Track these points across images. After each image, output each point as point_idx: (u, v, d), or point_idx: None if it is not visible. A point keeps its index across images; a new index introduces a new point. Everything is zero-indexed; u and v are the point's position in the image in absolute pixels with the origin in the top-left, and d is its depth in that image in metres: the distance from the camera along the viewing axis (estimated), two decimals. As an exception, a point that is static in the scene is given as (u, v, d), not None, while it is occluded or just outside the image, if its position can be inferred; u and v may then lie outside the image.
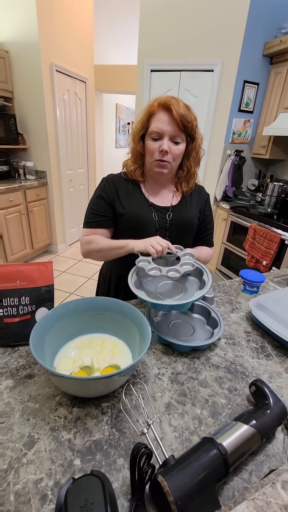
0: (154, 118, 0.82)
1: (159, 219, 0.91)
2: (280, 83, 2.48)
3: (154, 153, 0.84)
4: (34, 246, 3.15)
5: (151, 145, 0.83)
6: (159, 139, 0.82)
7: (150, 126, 0.83)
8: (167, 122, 0.80)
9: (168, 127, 0.80)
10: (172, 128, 0.80)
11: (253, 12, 2.29)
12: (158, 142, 0.82)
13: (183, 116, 0.79)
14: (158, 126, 0.80)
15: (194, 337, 0.78)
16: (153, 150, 0.83)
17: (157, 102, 0.81)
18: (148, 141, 0.84)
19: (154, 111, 0.81)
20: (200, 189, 1.01)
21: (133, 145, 0.90)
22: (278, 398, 0.53)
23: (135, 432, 0.51)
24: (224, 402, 0.59)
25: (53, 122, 2.99)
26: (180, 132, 0.81)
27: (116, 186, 0.92)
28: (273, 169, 2.98)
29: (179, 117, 0.78)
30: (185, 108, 0.80)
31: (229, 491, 0.43)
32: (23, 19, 2.57)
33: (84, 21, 3.25)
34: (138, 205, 0.91)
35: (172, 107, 0.78)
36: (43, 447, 0.48)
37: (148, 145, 0.84)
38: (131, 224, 0.91)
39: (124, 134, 6.46)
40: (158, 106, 0.81)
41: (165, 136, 0.81)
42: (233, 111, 2.62)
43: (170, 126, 0.80)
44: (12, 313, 0.67)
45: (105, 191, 0.91)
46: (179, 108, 0.78)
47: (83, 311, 0.71)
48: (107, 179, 0.94)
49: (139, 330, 0.65)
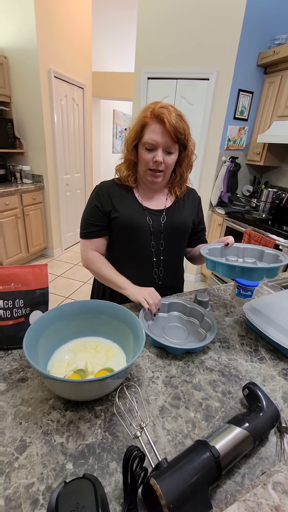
0: (147, 129, 0.82)
1: (154, 223, 0.92)
2: (274, 92, 2.54)
3: (148, 163, 0.85)
4: (29, 250, 3.13)
5: (145, 155, 0.84)
6: (152, 149, 0.83)
7: (144, 137, 0.82)
8: (161, 133, 0.80)
9: (161, 139, 0.80)
10: (166, 139, 0.80)
11: (247, 23, 2.36)
12: (152, 153, 0.83)
13: (176, 128, 0.79)
14: (152, 137, 0.81)
15: (188, 340, 0.79)
16: (147, 160, 0.84)
17: (150, 112, 0.81)
18: (142, 150, 0.85)
19: (147, 122, 0.81)
20: (192, 192, 1.03)
21: (126, 152, 0.90)
22: (271, 401, 0.54)
23: (128, 436, 0.51)
24: (218, 405, 0.59)
25: (50, 127, 3.01)
26: (173, 143, 0.82)
27: (110, 194, 0.92)
28: (267, 176, 3.03)
29: (173, 129, 0.79)
30: (177, 118, 0.80)
31: (221, 494, 0.43)
32: (22, 25, 2.60)
33: (83, 28, 3.31)
34: (132, 209, 0.91)
35: (165, 119, 0.78)
36: (35, 451, 0.47)
37: (142, 155, 0.85)
38: (126, 228, 0.91)
39: (121, 140, 6.52)
40: (151, 117, 0.81)
41: (159, 148, 0.82)
42: (228, 118, 2.67)
43: (164, 138, 0.80)
44: (6, 316, 0.67)
45: (99, 200, 0.92)
46: (171, 119, 0.78)
47: (78, 314, 0.71)
48: (100, 187, 0.94)
49: (133, 333, 0.65)
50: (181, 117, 0.82)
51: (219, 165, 2.83)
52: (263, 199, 2.76)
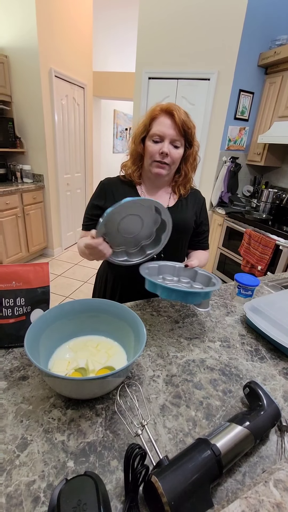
0: (156, 121, 0.85)
1: None
2: (275, 92, 2.54)
3: (154, 155, 0.86)
4: (30, 249, 3.13)
5: (152, 147, 0.86)
6: (159, 141, 0.85)
7: (152, 129, 0.85)
8: (169, 126, 0.83)
9: (169, 131, 0.83)
10: (173, 132, 0.83)
11: (248, 24, 2.36)
12: (159, 145, 0.85)
13: (184, 122, 0.83)
14: (160, 129, 0.83)
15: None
16: (153, 152, 0.86)
17: (160, 107, 0.85)
18: (149, 143, 0.87)
19: (156, 115, 0.85)
20: (196, 193, 1.03)
21: (133, 146, 0.92)
22: (272, 400, 0.54)
23: (129, 434, 0.51)
24: (219, 404, 0.59)
25: (51, 126, 3.01)
26: (180, 137, 0.84)
27: (113, 190, 0.94)
28: (267, 176, 3.03)
29: (181, 122, 0.82)
30: (185, 115, 0.84)
31: (222, 492, 0.43)
32: (23, 25, 2.60)
33: (83, 28, 3.31)
34: None
35: (174, 112, 0.81)
36: (36, 449, 0.47)
37: (149, 147, 0.87)
38: None
39: (122, 140, 6.52)
40: (161, 111, 0.84)
41: (166, 139, 0.84)
42: (229, 118, 2.67)
43: (172, 130, 0.83)
44: (7, 314, 0.67)
45: (100, 199, 0.95)
46: (180, 114, 0.82)
47: (78, 313, 0.71)
48: (103, 183, 0.97)
49: (134, 332, 0.65)
50: (188, 115, 0.85)
51: (219, 165, 2.84)
52: (263, 200, 2.76)
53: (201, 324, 0.86)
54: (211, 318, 0.90)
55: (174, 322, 0.86)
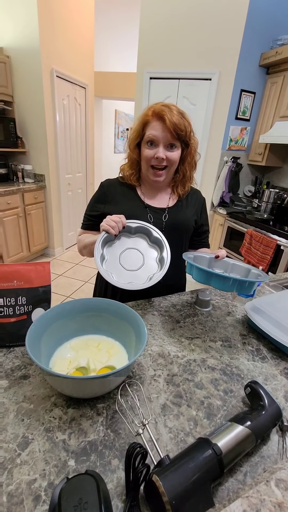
0: (148, 126, 0.84)
1: (155, 220, 0.92)
2: (276, 92, 2.54)
3: (150, 159, 0.86)
4: (31, 249, 3.14)
5: (147, 152, 0.86)
6: (154, 146, 0.84)
7: (145, 134, 0.85)
8: (161, 129, 0.82)
9: (162, 134, 0.82)
10: (166, 135, 0.82)
11: (250, 24, 2.36)
12: (154, 150, 0.85)
13: (176, 124, 0.81)
14: (153, 133, 0.83)
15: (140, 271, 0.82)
16: (149, 157, 0.86)
17: (152, 111, 0.84)
18: (144, 148, 0.86)
19: (148, 120, 0.84)
20: (196, 192, 1.03)
21: (129, 152, 0.93)
22: (273, 400, 0.54)
23: (130, 433, 0.51)
24: (220, 404, 0.59)
25: (52, 126, 3.01)
26: (174, 140, 0.84)
27: (113, 191, 0.95)
28: (269, 176, 3.03)
29: (172, 126, 0.80)
30: (178, 115, 0.82)
31: (223, 491, 0.43)
32: (25, 25, 2.61)
33: (85, 28, 3.31)
34: (133, 206, 0.93)
35: (165, 116, 0.80)
36: (37, 447, 0.47)
37: (144, 152, 0.87)
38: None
39: (123, 140, 6.53)
40: (152, 116, 0.83)
41: (160, 143, 0.83)
42: (230, 118, 2.67)
43: (164, 133, 0.82)
44: (8, 313, 0.67)
45: (101, 200, 0.96)
46: (172, 116, 0.80)
47: (80, 312, 0.71)
48: (103, 185, 0.98)
49: (135, 331, 0.65)
50: (182, 115, 0.83)
51: (220, 165, 2.83)
52: (264, 200, 2.76)
53: (202, 324, 0.86)
54: (212, 317, 0.90)
55: (175, 322, 0.86)
